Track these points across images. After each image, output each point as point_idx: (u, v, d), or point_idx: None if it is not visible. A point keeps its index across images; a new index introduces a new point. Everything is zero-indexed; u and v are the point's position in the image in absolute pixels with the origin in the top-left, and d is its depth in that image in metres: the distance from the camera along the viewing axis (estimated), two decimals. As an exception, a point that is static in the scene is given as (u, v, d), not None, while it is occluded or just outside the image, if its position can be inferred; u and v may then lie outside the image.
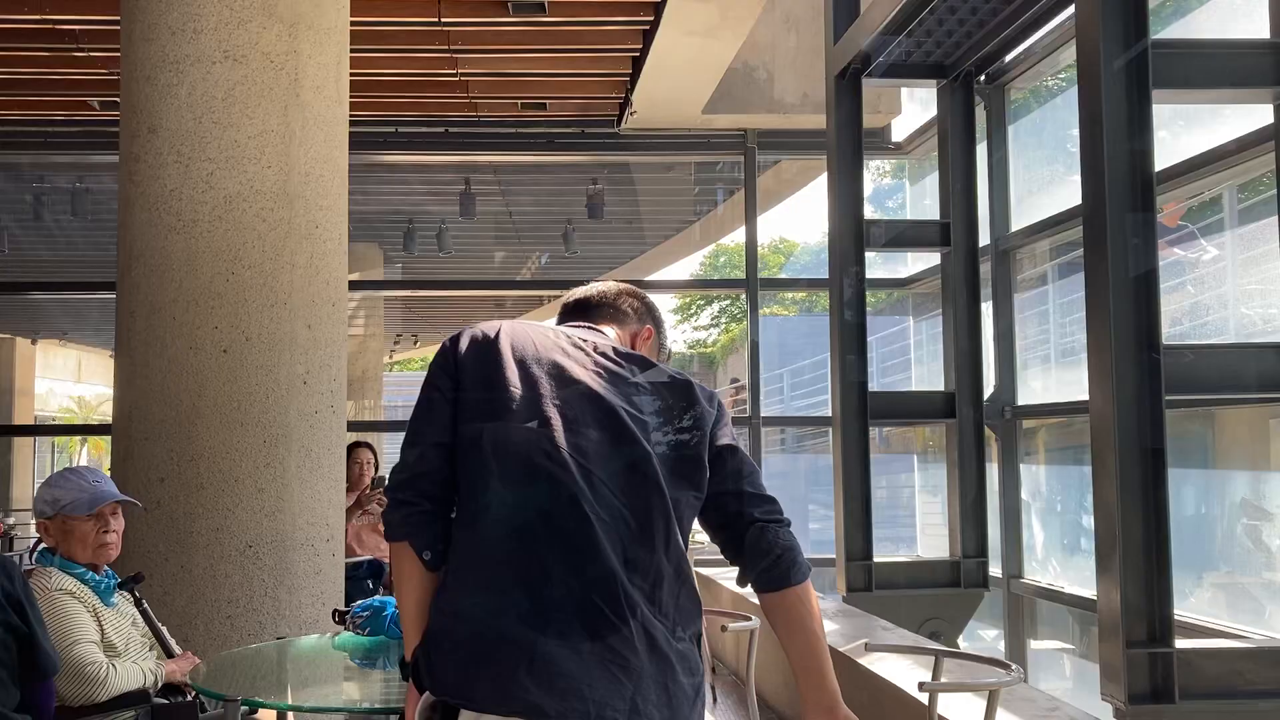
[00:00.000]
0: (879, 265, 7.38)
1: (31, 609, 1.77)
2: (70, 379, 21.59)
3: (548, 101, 6.64)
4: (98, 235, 8.97)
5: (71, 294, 10.76)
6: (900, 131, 7.23)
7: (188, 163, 3.67)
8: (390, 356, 20.55)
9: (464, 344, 1.70)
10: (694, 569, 1.78)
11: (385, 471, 6.23)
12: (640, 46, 5.68)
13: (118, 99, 6.26)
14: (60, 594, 2.44)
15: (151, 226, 3.70)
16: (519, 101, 6.62)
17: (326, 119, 3.90)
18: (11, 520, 10.75)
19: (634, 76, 6.09)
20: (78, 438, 23.81)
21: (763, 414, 6.94)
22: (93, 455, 25.37)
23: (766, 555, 1.64)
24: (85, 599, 2.49)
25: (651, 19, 5.30)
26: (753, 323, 7.34)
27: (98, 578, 2.56)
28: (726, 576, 6.81)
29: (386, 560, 5.55)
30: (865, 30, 5.03)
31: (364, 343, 12.49)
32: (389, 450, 6.54)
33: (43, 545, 2.61)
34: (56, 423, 21.18)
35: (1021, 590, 6.04)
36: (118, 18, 4.81)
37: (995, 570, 5.98)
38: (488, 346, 1.69)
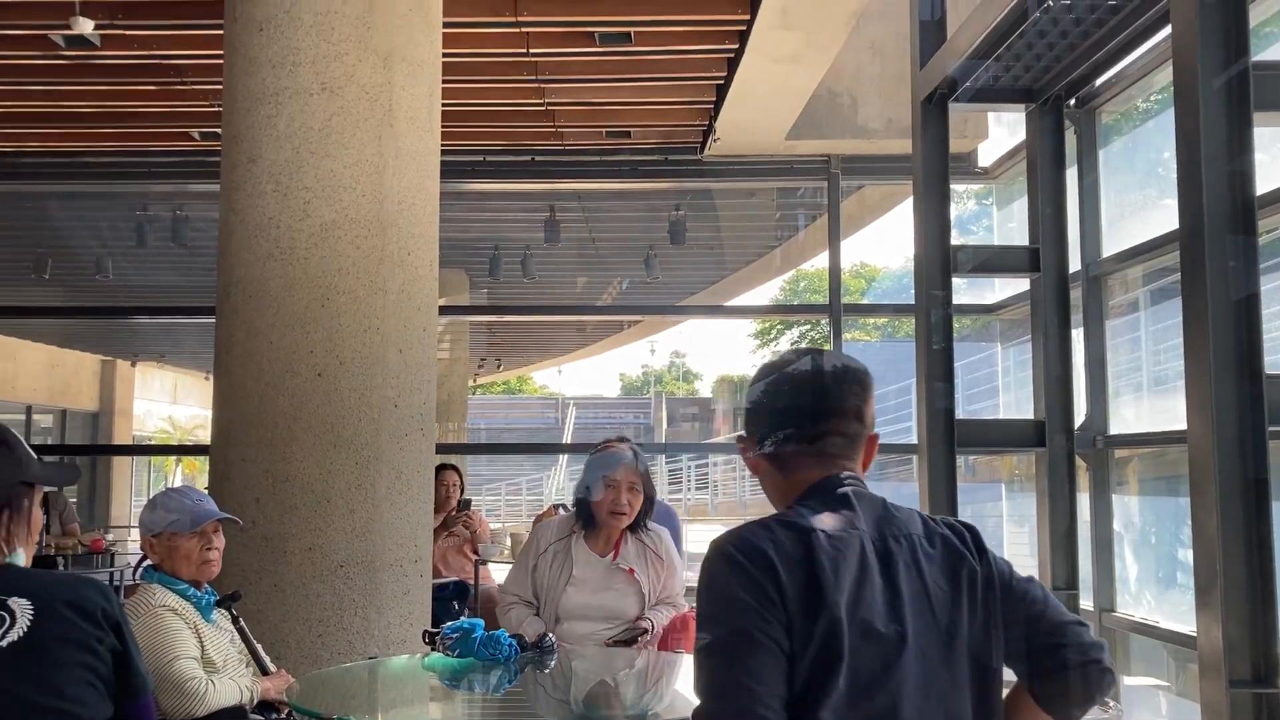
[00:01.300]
0: (965, 291, 7.28)
1: (128, 629, 1.83)
2: (166, 400, 22.26)
3: (632, 129, 6.70)
4: (195, 261, 9.26)
5: (170, 318, 11.11)
6: (987, 156, 7.14)
7: (286, 192, 3.78)
8: (474, 380, 20.82)
9: (780, 565, 1.37)
10: None
11: (471, 493, 6.32)
12: (725, 74, 5.72)
13: (218, 130, 6.49)
14: (163, 610, 2.52)
15: (250, 253, 3.82)
16: (604, 130, 6.69)
17: (419, 149, 3.99)
18: (110, 536, 11.09)
19: (718, 104, 6.12)
20: (173, 457, 24.56)
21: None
22: (186, 474, 26.09)
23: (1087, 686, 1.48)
24: (187, 615, 2.57)
25: (736, 47, 5.33)
26: (836, 350, 7.29)
27: (199, 594, 2.64)
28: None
29: (471, 581, 5.63)
30: (952, 55, 4.98)
31: (450, 366, 12.67)
32: (472, 472, 6.63)
33: (147, 562, 2.70)
34: (153, 443, 21.81)
35: (1114, 624, 5.87)
36: (220, 52, 4.99)
37: (1087, 603, 5.83)
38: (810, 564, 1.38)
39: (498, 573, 6.23)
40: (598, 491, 3.56)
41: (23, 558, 1.83)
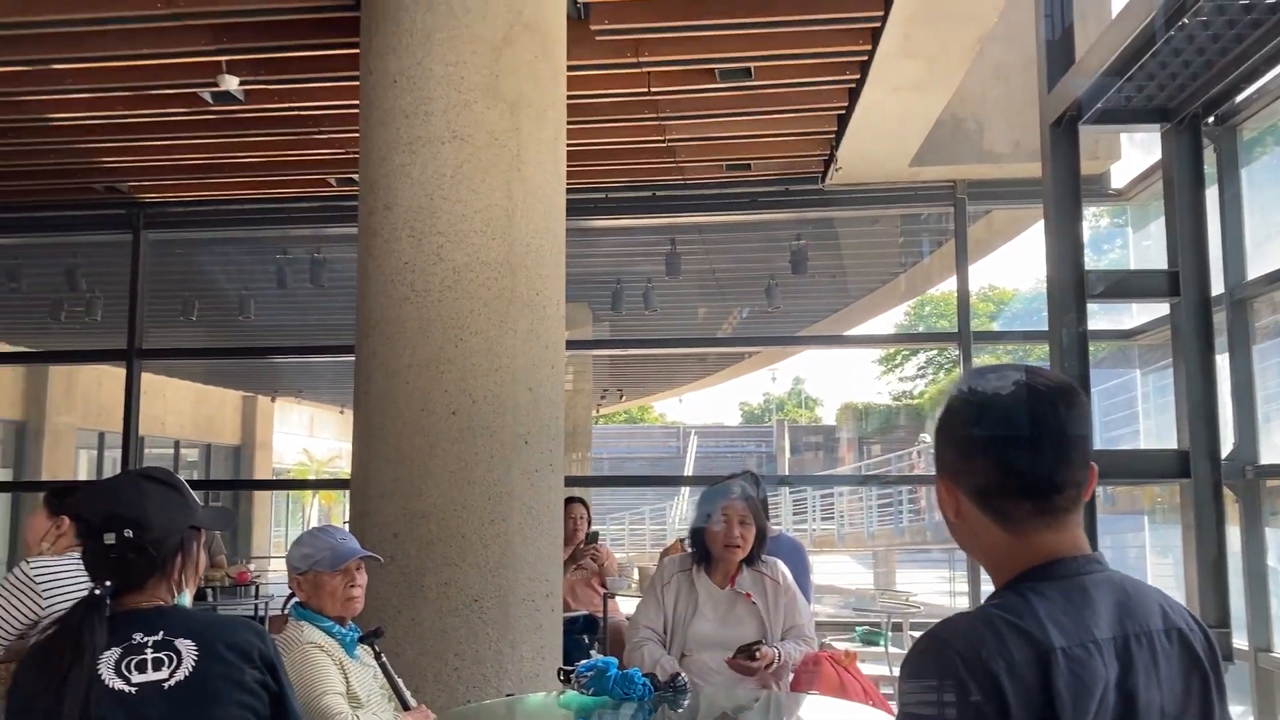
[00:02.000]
0: (1100, 316, 7.06)
1: (283, 670, 1.92)
2: (304, 433, 23.06)
3: (752, 162, 6.72)
4: (331, 301, 9.63)
5: (308, 358, 11.56)
6: (1121, 177, 6.94)
7: (420, 237, 3.90)
8: (597, 410, 21.02)
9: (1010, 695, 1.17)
10: None
11: (594, 523, 6.38)
12: (846, 104, 5.70)
13: (353, 176, 6.79)
14: (310, 646, 2.61)
15: (387, 297, 3.95)
16: (724, 163, 6.73)
17: (545, 192, 4.08)
18: (252, 566, 11.52)
19: (839, 133, 6.10)
20: (309, 491, 25.42)
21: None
22: (323, 505, 26.96)
23: None
24: (332, 651, 2.66)
25: (858, 77, 5.31)
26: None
27: (343, 631, 2.74)
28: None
29: (600, 614, 5.67)
30: (1081, 77, 4.86)
31: (573, 398, 12.84)
32: (595, 501, 6.69)
33: (295, 599, 2.80)
34: (291, 474, 22.59)
35: (1272, 665, 5.58)
36: (355, 103, 5.21)
37: (1241, 642, 5.55)
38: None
39: (625, 605, 6.27)
40: (710, 526, 3.66)
41: (188, 599, 1.93)
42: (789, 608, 3.63)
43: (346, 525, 3.91)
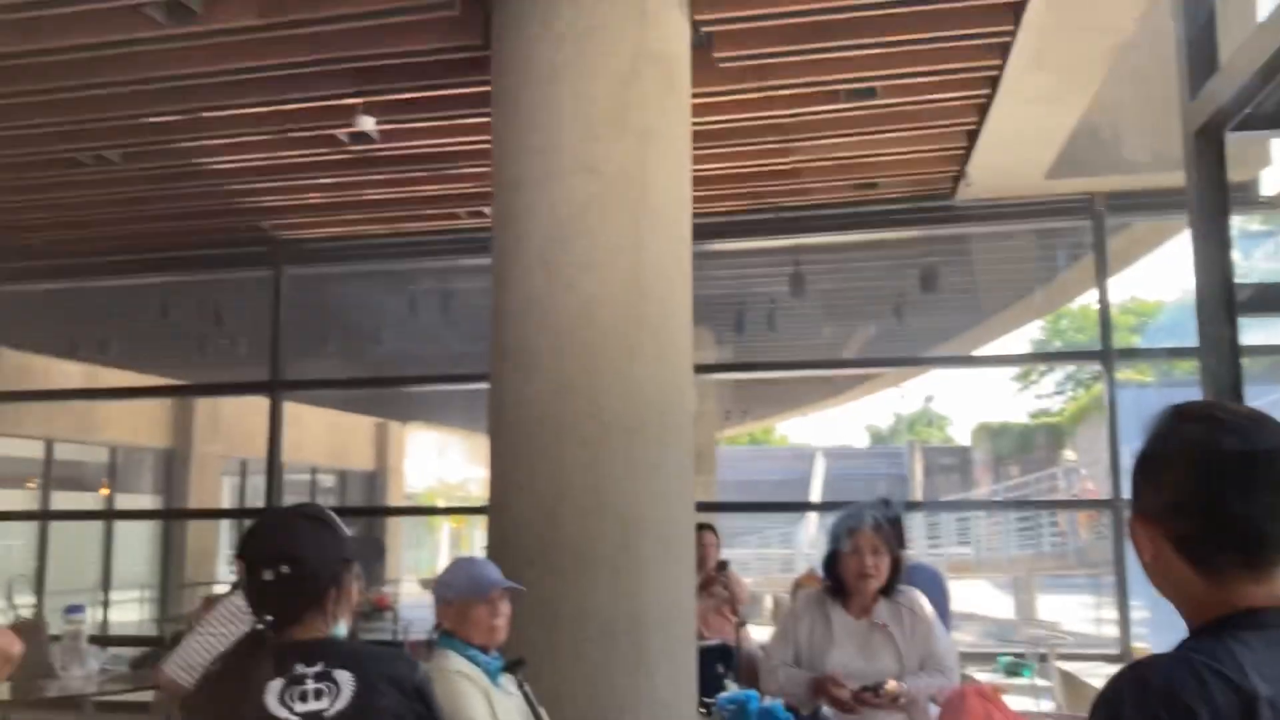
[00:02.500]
0: (1253, 329, 6.72)
1: (434, 701, 1.96)
2: (434, 458, 23.61)
3: (879, 180, 6.63)
4: (461, 330, 9.85)
5: (440, 386, 11.83)
6: (1272, 184, 6.60)
7: (551, 268, 3.96)
8: (720, 433, 20.95)
9: None
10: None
11: (728, 553, 6.34)
12: (976, 120, 5.58)
13: (482, 209, 6.94)
14: (457, 675, 2.66)
15: (519, 327, 4.02)
16: (850, 182, 6.66)
17: (672, 220, 4.11)
18: (386, 589, 11.82)
19: (969, 149, 5.97)
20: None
21: (1127, 496, 6.40)
22: (453, 529, 27.54)
23: None
24: (477, 680, 2.71)
25: (988, 92, 5.20)
26: (1110, 397, 6.88)
27: (487, 659, 2.78)
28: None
29: (733, 642, 5.63)
30: (1226, 83, 4.65)
31: (697, 421, 12.80)
32: (721, 524, 6.66)
33: (442, 628, 2.86)
34: (422, 498, 23.14)
35: None
36: (485, 138, 5.34)
37: None
38: None
39: (757, 633, 6.21)
40: (842, 556, 3.62)
41: (344, 630, 1.99)
42: (925, 637, 3.55)
43: (483, 551, 3.98)
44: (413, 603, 11.20)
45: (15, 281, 8.71)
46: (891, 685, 3.38)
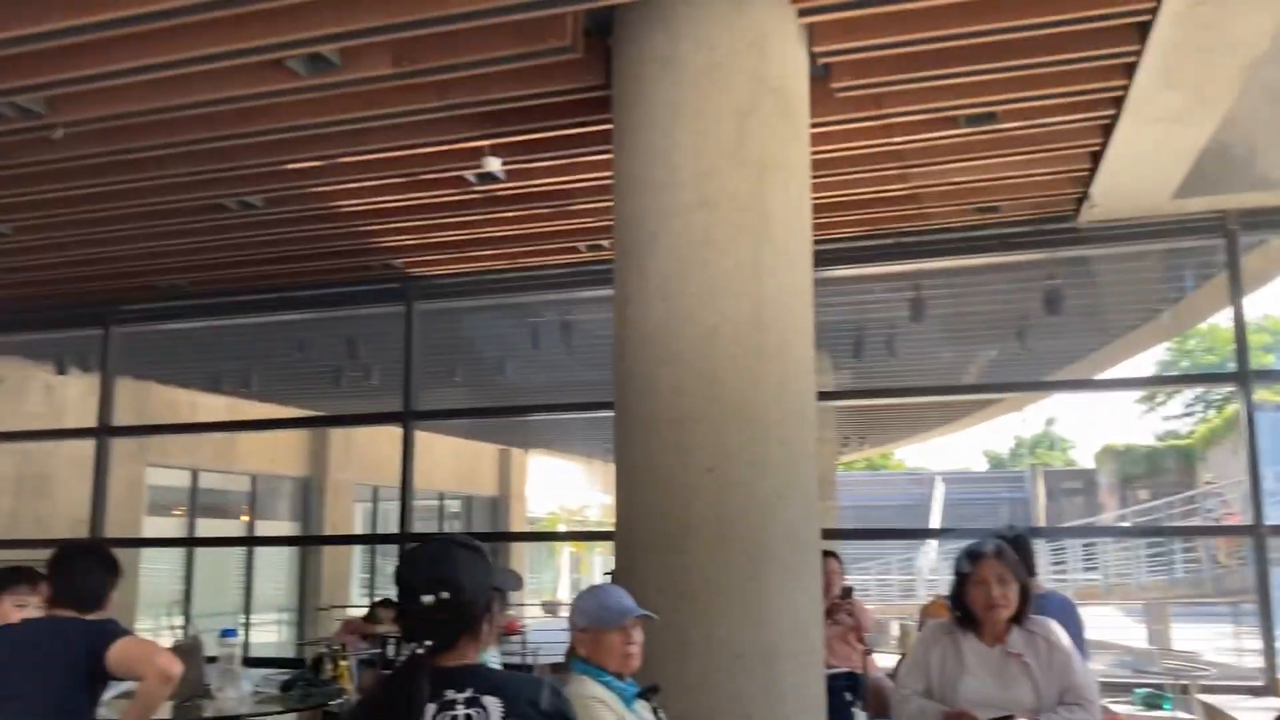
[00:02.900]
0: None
1: None
2: (555, 484, 23.92)
3: (1001, 204, 6.56)
4: (581, 359, 10.04)
5: (561, 414, 12.07)
6: None
7: (672, 300, 4.04)
8: (839, 459, 20.75)
9: None
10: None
11: (851, 579, 6.31)
12: (1100, 141, 5.49)
13: (601, 243, 7.10)
14: (593, 700, 2.74)
15: (642, 358, 4.10)
16: (971, 207, 6.60)
17: (791, 249, 4.16)
18: (511, 612, 12.01)
19: (1093, 170, 5.88)
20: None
21: (1269, 522, 6.17)
22: (574, 554, 27.80)
23: None
24: (613, 705, 2.78)
25: (1112, 113, 5.12)
26: (1248, 420, 6.63)
27: (622, 685, 2.86)
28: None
29: (860, 670, 5.60)
30: (1368, 94, 4.51)
31: (817, 447, 12.74)
32: (845, 555, 6.62)
33: (576, 655, 2.95)
34: (544, 526, 23.44)
35: None
36: (606, 175, 5.48)
37: None
38: None
39: (883, 661, 6.16)
40: (968, 586, 3.57)
41: (492, 656, 2.09)
42: (1064, 669, 3.49)
43: (605, 577, 4.06)
44: (537, 626, 11.37)
45: (165, 321, 9.24)
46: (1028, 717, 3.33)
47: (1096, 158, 5.74)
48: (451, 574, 2.04)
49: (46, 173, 6.00)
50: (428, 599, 2.00)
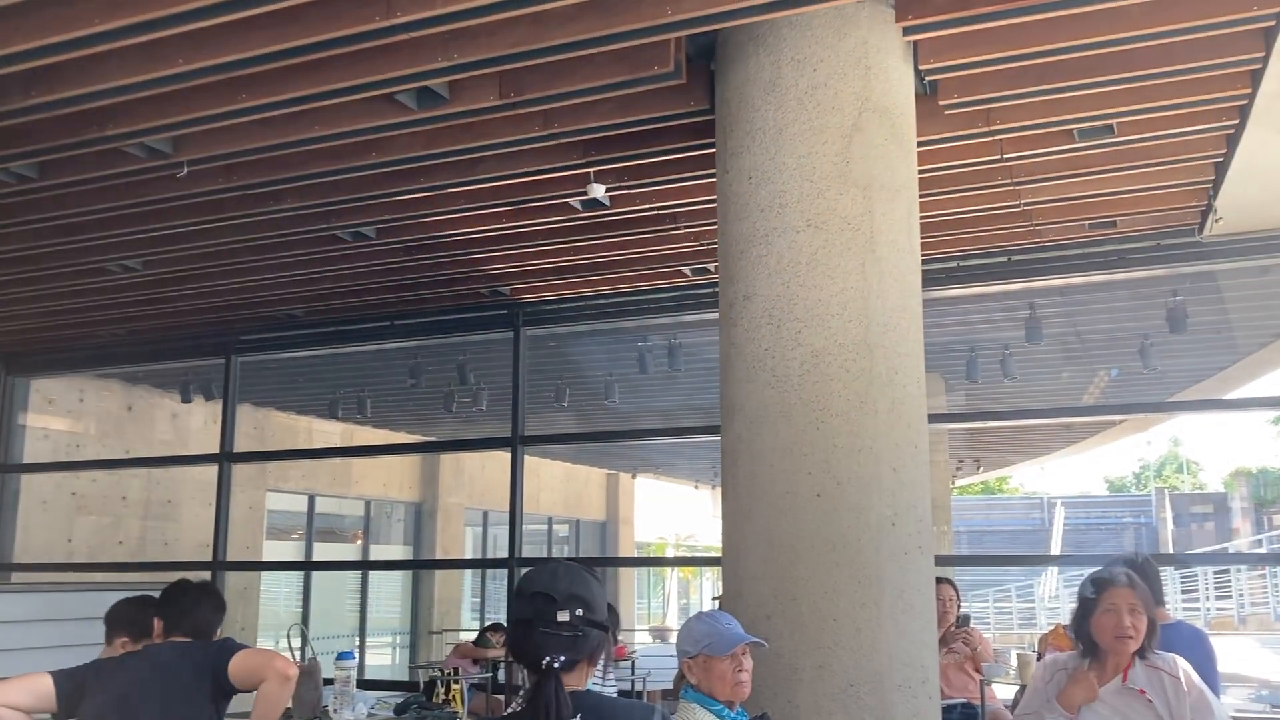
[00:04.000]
0: None
1: None
2: (660, 509, 23.92)
3: (1118, 219, 6.35)
4: (688, 383, 10.04)
5: (668, 439, 12.08)
6: None
7: (778, 324, 4.01)
8: (953, 483, 20.29)
9: None
10: None
11: (968, 607, 6.15)
12: (1224, 151, 5.28)
13: (706, 266, 7.09)
14: (701, 729, 2.72)
15: (749, 383, 4.07)
16: (1086, 222, 6.41)
17: (900, 270, 4.08)
18: (620, 639, 12.00)
19: (1217, 182, 5.65)
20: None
21: None
22: (682, 579, 27.71)
23: None
24: (723, 734, 2.75)
25: (1236, 122, 4.92)
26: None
27: (731, 715, 2.82)
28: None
29: (977, 700, 5.44)
30: None
31: (930, 471, 12.48)
32: (960, 582, 6.45)
33: (686, 682, 2.92)
34: (652, 551, 23.45)
35: None
36: (708, 198, 5.48)
37: None
38: None
39: (1001, 692, 5.97)
40: (1095, 616, 3.42)
41: (607, 685, 2.08)
42: (1197, 708, 3.31)
43: (716, 603, 4.02)
44: (645, 652, 11.35)
45: (282, 350, 9.54)
46: None
47: (1220, 169, 5.52)
48: (586, 593, 2.05)
49: (172, 209, 6.26)
50: (564, 615, 2.00)
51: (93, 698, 3.13)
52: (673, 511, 24.08)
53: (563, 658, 1.99)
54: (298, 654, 5.09)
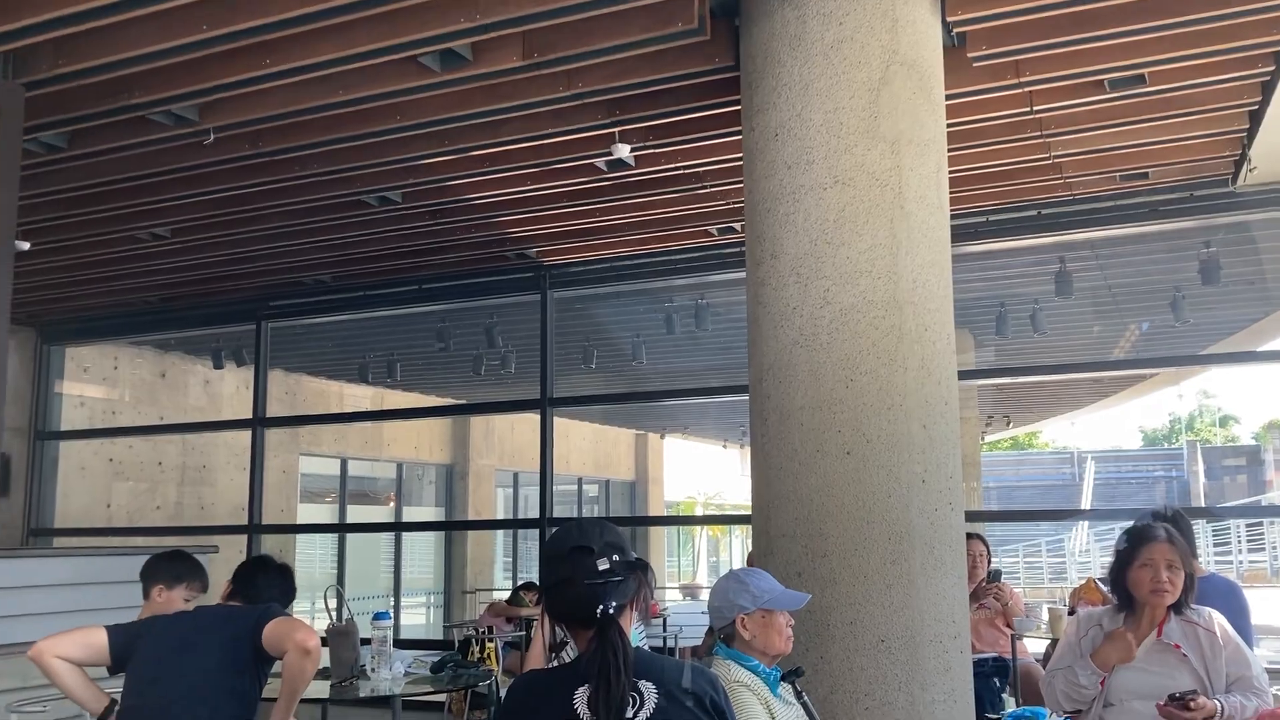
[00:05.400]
0: None
1: (731, 715, 2.02)
2: (688, 468, 23.99)
3: (1150, 170, 6.26)
4: (715, 343, 10.03)
5: (696, 399, 12.11)
6: None
7: (806, 282, 3.99)
8: (982, 439, 20.22)
9: None
10: None
11: (998, 563, 6.15)
12: (1259, 99, 5.19)
13: (733, 225, 7.06)
14: (738, 685, 2.73)
15: (777, 342, 4.06)
16: (1117, 174, 6.33)
17: (929, 225, 4.05)
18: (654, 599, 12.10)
19: (1251, 131, 5.56)
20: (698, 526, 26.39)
21: None
22: (711, 537, 27.86)
23: None
24: (758, 691, 2.77)
25: (1271, 69, 4.83)
26: None
27: (766, 670, 2.84)
28: None
29: (1008, 656, 5.45)
30: None
31: (960, 427, 12.44)
32: (990, 537, 6.45)
33: (720, 639, 2.94)
34: (680, 510, 23.56)
35: None
36: (734, 156, 5.45)
37: None
38: None
39: (1033, 646, 5.99)
40: (1131, 570, 3.41)
41: (641, 636, 2.11)
42: (1232, 659, 3.31)
43: (743, 561, 4.03)
44: (676, 609, 11.44)
45: (312, 315, 9.61)
46: (1204, 700, 3.17)
47: (1254, 117, 5.43)
48: (617, 539, 2.08)
49: (199, 176, 6.29)
50: (604, 564, 2.02)
51: (141, 652, 3.20)
52: (701, 470, 24.14)
53: (614, 604, 2.01)
54: (334, 615, 5.16)
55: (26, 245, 6.86)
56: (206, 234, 7.50)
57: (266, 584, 3.55)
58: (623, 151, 5.52)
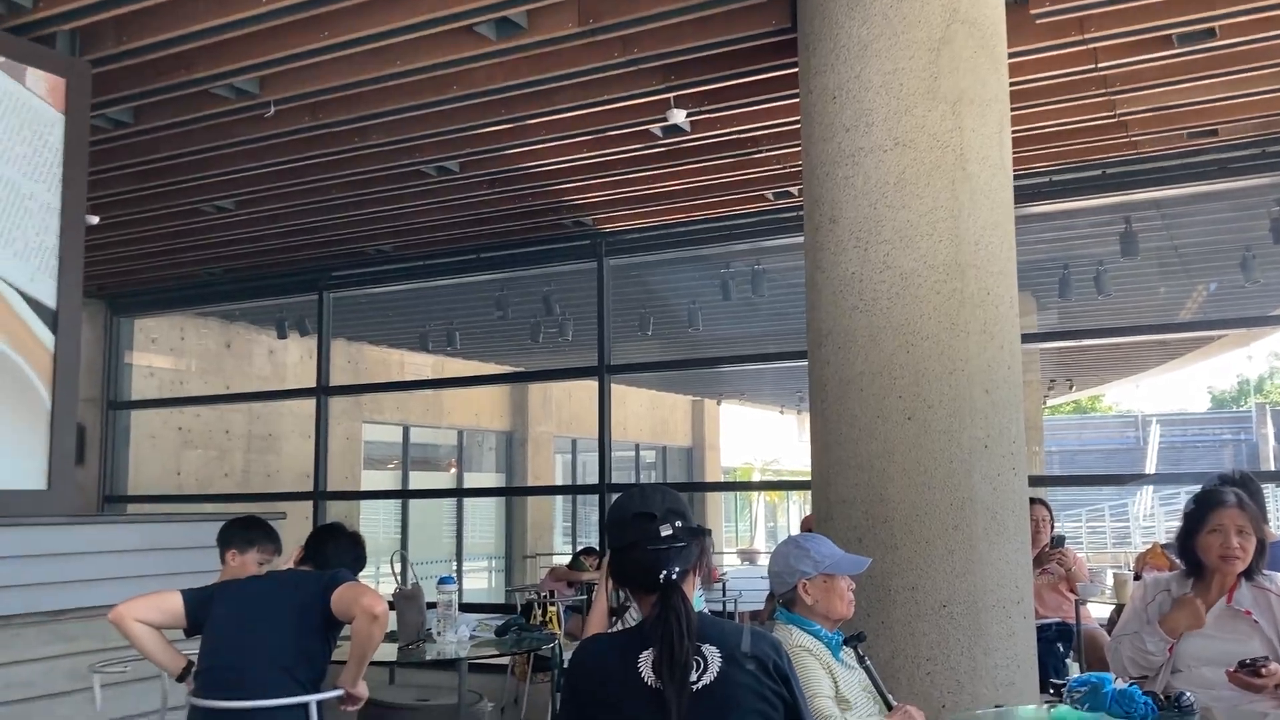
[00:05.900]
0: None
1: (796, 683, 2.02)
2: (745, 434, 23.98)
3: (1219, 127, 6.10)
4: (772, 308, 9.98)
5: (753, 365, 12.07)
6: None
7: (866, 246, 3.96)
8: (1045, 402, 19.93)
9: None
10: None
11: (1062, 528, 6.08)
12: (1334, 51, 5.02)
13: (790, 190, 7.01)
14: (800, 650, 2.75)
15: (836, 307, 4.04)
16: (1185, 132, 6.17)
17: (991, 187, 3.99)
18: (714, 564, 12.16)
19: (1327, 84, 5.39)
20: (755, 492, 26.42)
21: None
22: (769, 503, 27.88)
23: None
24: (820, 655, 2.78)
25: (1349, 18, 4.67)
26: None
27: (828, 635, 2.85)
28: None
29: (1072, 621, 5.41)
30: None
31: (1023, 391, 12.28)
32: (1053, 502, 6.37)
33: (781, 604, 2.96)
34: (737, 476, 23.57)
35: None
36: (791, 119, 5.39)
37: None
38: None
39: (1097, 612, 5.93)
40: (1201, 536, 3.34)
41: (702, 602, 2.12)
42: (1305, 627, 3.25)
43: (800, 526, 4.03)
44: (734, 574, 11.47)
45: (373, 285, 9.73)
46: (1276, 666, 3.11)
47: (1331, 70, 5.26)
48: (678, 505, 2.09)
49: (261, 149, 6.38)
50: (667, 530, 2.04)
51: (215, 615, 3.30)
52: (758, 436, 24.11)
53: (678, 569, 2.02)
54: (400, 579, 5.26)
55: (95, 219, 7.02)
56: (269, 206, 7.61)
57: (336, 551, 3.62)
58: (678, 117, 5.50)
